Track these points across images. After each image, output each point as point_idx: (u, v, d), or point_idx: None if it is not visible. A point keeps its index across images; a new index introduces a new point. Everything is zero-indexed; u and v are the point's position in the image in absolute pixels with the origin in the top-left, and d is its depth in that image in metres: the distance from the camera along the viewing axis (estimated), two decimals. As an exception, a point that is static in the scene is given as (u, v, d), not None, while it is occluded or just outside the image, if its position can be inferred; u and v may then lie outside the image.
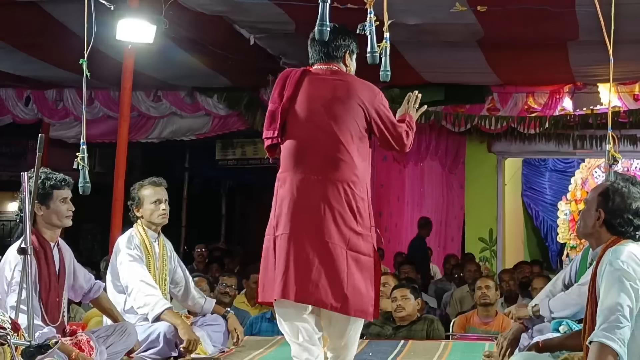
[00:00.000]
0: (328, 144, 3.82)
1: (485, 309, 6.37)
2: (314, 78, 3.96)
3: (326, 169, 3.80)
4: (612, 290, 3.04)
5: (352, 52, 4.04)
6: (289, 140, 3.91)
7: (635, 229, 3.21)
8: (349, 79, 3.97)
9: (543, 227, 14.86)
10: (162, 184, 5.05)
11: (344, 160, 3.81)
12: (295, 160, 3.87)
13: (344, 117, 3.84)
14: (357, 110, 3.86)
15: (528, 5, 6.74)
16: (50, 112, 11.41)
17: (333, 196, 3.77)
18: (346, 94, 3.87)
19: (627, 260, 3.07)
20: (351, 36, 4.01)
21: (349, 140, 3.83)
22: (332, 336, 3.96)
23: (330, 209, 3.76)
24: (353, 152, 3.83)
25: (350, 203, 3.79)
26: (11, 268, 4.04)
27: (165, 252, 5.07)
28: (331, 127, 3.83)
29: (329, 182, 3.78)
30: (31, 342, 3.10)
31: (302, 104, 3.91)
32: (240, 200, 16.65)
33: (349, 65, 4.04)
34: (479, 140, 11.77)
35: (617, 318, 2.98)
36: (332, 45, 3.96)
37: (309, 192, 3.79)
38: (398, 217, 12.00)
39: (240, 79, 10.33)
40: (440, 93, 10.60)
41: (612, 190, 3.25)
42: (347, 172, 3.81)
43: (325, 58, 3.98)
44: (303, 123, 3.89)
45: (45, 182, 4.17)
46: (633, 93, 10.42)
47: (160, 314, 4.71)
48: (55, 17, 7.72)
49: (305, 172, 3.83)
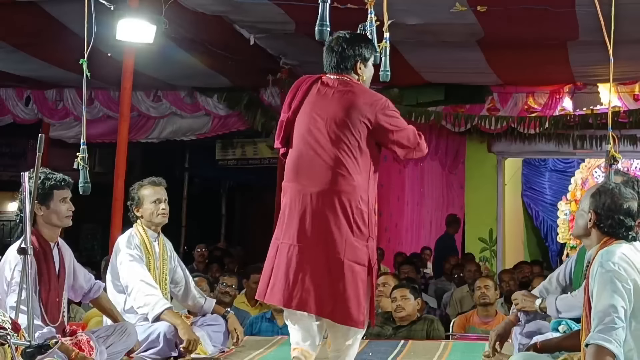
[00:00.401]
0: (324, 156, 3.85)
1: (485, 309, 6.37)
2: (321, 89, 3.97)
3: (322, 181, 3.83)
4: (604, 292, 3.05)
5: (365, 59, 3.99)
6: (291, 151, 3.98)
7: (627, 229, 3.21)
8: (354, 90, 3.92)
9: (543, 227, 14.86)
10: (162, 184, 5.05)
11: (339, 172, 3.82)
12: (294, 171, 3.94)
13: (343, 130, 3.84)
14: (357, 123, 3.84)
15: (528, 5, 6.75)
16: (50, 112, 11.41)
17: (328, 207, 3.81)
18: (348, 107, 3.86)
19: (619, 261, 3.08)
20: (362, 44, 3.97)
21: (346, 152, 3.83)
22: (336, 337, 3.99)
23: (325, 219, 3.81)
24: (349, 164, 3.83)
25: (345, 214, 3.81)
26: (11, 268, 4.04)
27: (165, 251, 5.07)
28: (329, 139, 3.85)
29: (324, 194, 3.82)
30: (31, 342, 3.10)
31: (304, 115, 3.95)
32: (240, 200, 16.65)
33: (362, 74, 3.99)
34: (479, 140, 11.77)
35: (612, 319, 2.99)
36: (341, 56, 3.94)
37: (306, 204, 3.85)
38: (398, 217, 12.00)
39: (240, 79, 10.33)
40: (440, 93, 10.61)
41: (602, 191, 3.27)
42: (343, 184, 3.82)
43: (336, 68, 3.98)
44: (303, 135, 3.94)
45: (45, 182, 4.16)
46: (633, 93, 10.42)
47: (160, 314, 4.71)
48: (55, 17, 7.72)
49: (303, 184, 3.88)
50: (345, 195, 3.81)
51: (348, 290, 3.78)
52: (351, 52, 3.94)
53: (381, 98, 3.93)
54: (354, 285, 3.81)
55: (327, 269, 3.80)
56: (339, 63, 3.95)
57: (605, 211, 3.23)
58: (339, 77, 3.96)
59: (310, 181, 3.86)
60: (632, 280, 3.06)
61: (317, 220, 3.81)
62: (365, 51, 3.98)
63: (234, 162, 13.52)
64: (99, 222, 14.17)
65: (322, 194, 3.81)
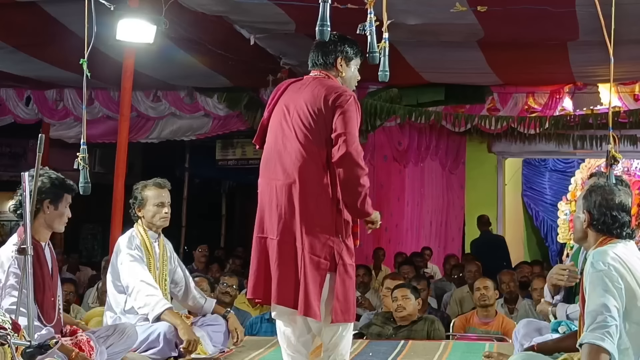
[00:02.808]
0: (290, 149, 3.86)
1: (485, 310, 6.37)
2: (297, 85, 4.00)
3: (285, 174, 3.85)
4: (595, 291, 3.06)
5: (347, 57, 3.99)
6: (265, 148, 4.05)
7: (621, 225, 3.22)
8: (324, 83, 3.92)
9: (543, 227, 14.87)
10: (166, 186, 5.03)
11: (303, 164, 3.81)
12: (264, 166, 4.00)
13: (308, 122, 3.83)
14: (321, 115, 3.82)
15: (528, 5, 6.74)
16: (51, 112, 11.42)
17: (291, 199, 3.82)
18: (312, 100, 3.86)
19: (610, 261, 3.09)
20: (346, 43, 3.98)
21: (311, 145, 3.82)
22: (322, 336, 3.98)
23: (288, 212, 3.82)
24: (315, 157, 3.81)
25: (310, 206, 3.80)
26: (4, 270, 4.02)
27: (165, 252, 5.07)
28: (294, 133, 3.86)
29: (287, 186, 3.83)
30: (31, 343, 3.10)
31: (277, 112, 4.00)
32: (240, 200, 16.64)
33: (342, 71, 3.99)
34: (479, 140, 11.78)
35: (604, 318, 3.00)
36: (323, 52, 3.97)
37: (272, 197, 3.89)
38: (398, 217, 11.99)
39: (240, 79, 10.33)
40: (440, 93, 10.61)
41: (593, 191, 3.29)
42: (306, 176, 3.81)
43: (317, 65, 4.00)
44: (274, 130, 3.98)
45: (57, 182, 4.16)
46: (633, 93, 10.43)
47: (160, 314, 4.71)
48: (55, 17, 7.72)
49: (270, 177, 3.93)
50: (309, 186, 3.80)
51: (310, 283, 3.76)
52: (333, 47, 3.96)
53: (345, 92, 3.86)
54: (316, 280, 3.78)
55: (291, 260, 3.81)
56: (320, 59, 3.98)
57: (598, 209, 3.24)
58: (318, 73, 3.99)
59: (276, 174, 3.89)
60: (623, 279, 3.07)
61: (282, 211, 3.83)
62: (349, 50, 3.98)
63: (234, 162, 13.50)
64: (99, 222, 14.17)
65: (285, 186, 3.83)
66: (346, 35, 4.01)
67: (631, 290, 3.07)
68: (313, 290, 3.77)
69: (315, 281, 3.78)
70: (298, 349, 3.98)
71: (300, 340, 3.97)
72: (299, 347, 3.98)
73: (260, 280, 3.90)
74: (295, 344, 3.97)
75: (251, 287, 3.95)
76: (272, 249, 3.87)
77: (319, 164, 3.82)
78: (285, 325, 3.99)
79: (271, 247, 3.88)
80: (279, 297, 3.84)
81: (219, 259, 10.73)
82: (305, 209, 3.80)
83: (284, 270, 3.82)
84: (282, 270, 3.82)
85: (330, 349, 3.92)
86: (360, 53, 4.04)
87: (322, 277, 3.81)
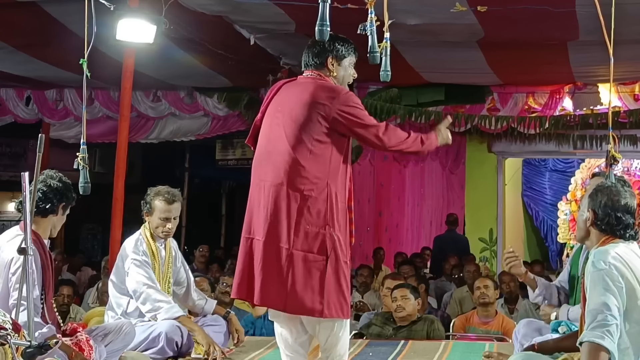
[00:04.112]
0: (280, 149, 3.86)
1: (485, 309, 6.37)
2: (289, 86, 4.01)
3: (275, 173, 3.84)
4: (596, 290, 3.06)
5: (339, 56, 3.97)
6: (257, 149, 4.04)
7: (625, 227, 3.22)
8: (316, 83, 3.92)
9: (543, 227, 14.88)
10: (176, 200, 4.98)
11: (292, 164, 3.81)
12: (255, 167, 3.99)
13: (298, 123, 3.83)
14: (314, 114, 3.82)
15: (528, 5, 6.74)
16: (51, 112, 11.42)
17: (279, 199, 3.81)
18: (304, 101, 3.85)
19: (611, 260, 3.09)
20: (339, 42, 3.97)
21: (299, 144, 3.81)
22: (318, 336, 3.97)
23: (275, 211, 3.81)
24: (303, 156, 3.80)
25: (296, 204, 3.79)
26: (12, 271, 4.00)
27: (171, 255, 5.08)
28: (284, 133, 3.86)
29: (276, 186, 3.83)
30: (31, 342, 3.10)
31: (269, 112, 4.02)
32: (240, 200, 16.61)
33: (334, 70, 3.97)
34: (479, 140, 11.77)
35: (604, 317, 3.00)
36: (315, 51, 3.97)
37: (260, 196, 3.88)
38: (398, 217, 12.00)
39: (240, 79, 10.33)
40: (440, 93, 10.61)
41: (599, 190, 3.29)
42: (295, 175, 3.80)
43: (309, 65, 4.00)
44: (265, 131, 3.99)
45: (71, 187, 4.17)
46: (633, 93, 10.43)
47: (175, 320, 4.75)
48: (55, 17, 7.72)
49: (260, 177, 3.92)
50: (297, 185, 3.79)
51: (299, 280, 3.76)
52: (323, 47, 3.95)
53: (341, 91, 3.89)
54: (306, 275, 3.76)
55: (276, 261, 3.79)
56: (311, 59, 3.98)
57: (603, 209, 3.24)
58: (310, 73, 3.99)
59: (265, 174, 3.88)
60: (624, 279, 3.07)
61: (268, 212, 3.82)
62: (342, 48, 3.97)
63: (234, 162, 13.51)
64: (99, 222, 14.16)
65: (275, 185, 3.82)
66: (338, 34, 3.99)
67: (632, 290, 3.07)
68: (302, 288, 3.76)
69: (306, 278, 3.77)
70: (296, 349, 3.98)
71: (297, 341, 3.98)
72: (297, 347, 3.98)
73: (244, 280, 3.88)
74: (292, 344, 3.98)
75: (235, 286, 3.94)
76: (257, 250, 3.85)
77: (309, 160, 3.81)
78: (281, 327, 3.99)
79: (257, 249, 3.85)
80: (262, 298, 3.83)
81: (219, 259, 10.74)
82: (292, 210, 3.79)
83: (268, 272, 3.80)
84: (266, 272, 3.80)
85: (328, 349, 3.91)
86: (354, 51, 4.02)
87: (313, 272, 3.78)
